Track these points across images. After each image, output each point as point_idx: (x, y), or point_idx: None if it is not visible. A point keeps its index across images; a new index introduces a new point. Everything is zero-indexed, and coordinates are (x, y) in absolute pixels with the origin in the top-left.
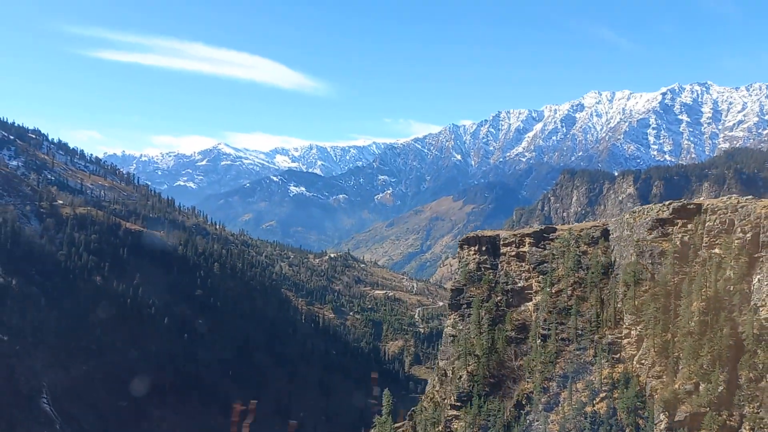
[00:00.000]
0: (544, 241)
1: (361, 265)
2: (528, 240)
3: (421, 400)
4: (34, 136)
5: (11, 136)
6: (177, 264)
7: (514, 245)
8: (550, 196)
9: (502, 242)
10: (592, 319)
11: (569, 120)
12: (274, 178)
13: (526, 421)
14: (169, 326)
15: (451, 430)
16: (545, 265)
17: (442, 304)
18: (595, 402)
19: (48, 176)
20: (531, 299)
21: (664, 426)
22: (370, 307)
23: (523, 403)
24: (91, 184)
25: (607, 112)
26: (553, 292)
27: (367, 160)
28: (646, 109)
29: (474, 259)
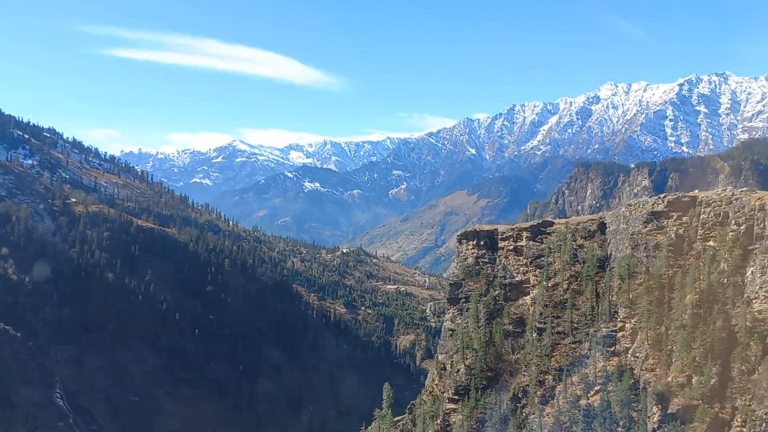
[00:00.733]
0: (542, 235)
1: (374, 260)
2: (525, 234)
3: (420, 394)
4: (48, 135)
5: (26, 135)
6: (188, 260)
7: (511, 239)
8: (565, 189)
9: (500, 236)
10: (588, 313)
11: (585, 112)
12: (289, 174)
13: (523, 414)
14: (180, 322)
15: (449, 424)
16: (542, 259)
17: None
18: (589, 395)
19: (62, 174)
20: (528, 293)
21: (657, 419)
22: (381, 301)
23: (520, 396)
24: (105, 182)
25: (623, 104)
26: (550, 285)
27: (381, 155)
28: (663, 100)
29: (472, 254)
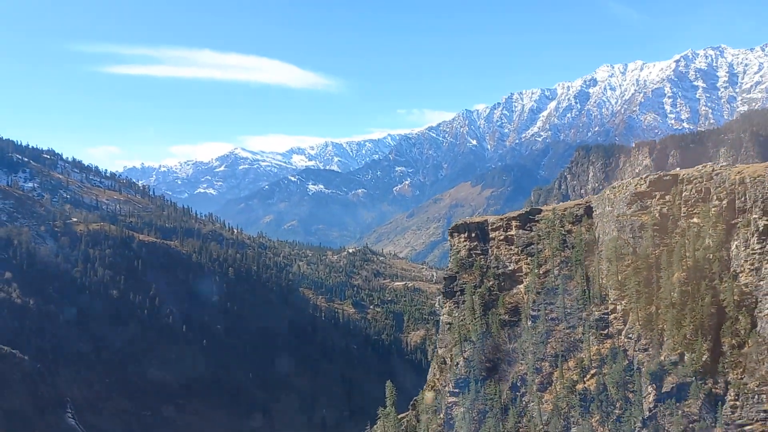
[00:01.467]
0: (530, 223)
1: (380, 258)
2: (515, 223)
3: (423, 389)
4: (48, 156)
5: (25, 158)
6: (192, 272)
7: (501, 229)
8: (567, 174)
9: (490, 227)
10: (579, 297)
11: (583, 96)
12: (292, 178)
13: (522, 403)
14: (188, 333)
15: (452, 417)
16: (532, 246)
17: None
18: (585, 379)
19: (63, 195)
20: (522, 282)
21: (652, 398)
22: (389, 299)
23: (518, 385)
24: (107, 200)
25: (620, 85)
26: (541, 273)
27: (383, 152)
28: (660, 78)
29: (464, 246)
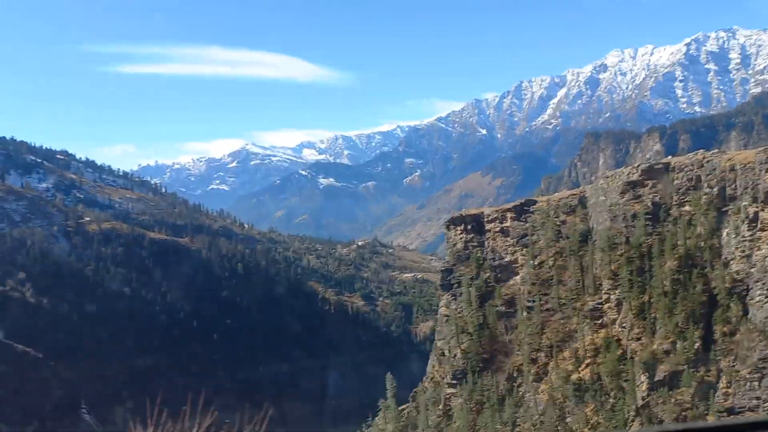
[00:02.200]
0: (525, 215)
1: (389, 251)
2: (510, 215)
3: (422, 381)
4: (62, 157)
5: (39, 159)
6: (202, 268)
7: (497, 221)
8: (577, 161)
9: (486, 219)
10: (574, 288)
11: (593, 82)
12: (303, 173)
13: (519, 393)
14: (199, 329)
15: (450, 408)
16: (527, 238)
17: None
18: (580, 369)
19: (77, 195)
20: (518, 273)
21: (645, 387)
22: (399, 291)
23: (515, 375)
24: (119, 198)
25: (631, 70)
26: (536, 264)
27: (393, 144)
28: (671, 62)
29: (461, 239)
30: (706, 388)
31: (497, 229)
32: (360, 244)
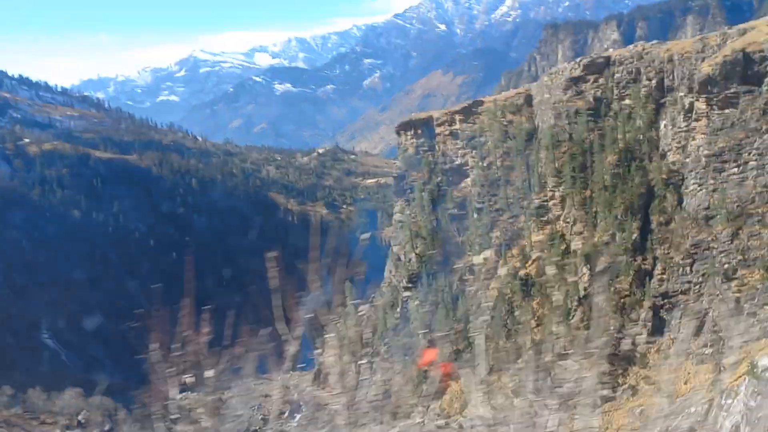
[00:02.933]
0: (473, 116)
1: (352, 157)
2: (458, 117)
3: (380, 287)
4: None
5: None
6: (155, 186)
7: (447, 124)
8: (536, 54)
9: (435, 123)
10: (521, 187)
11: None
12: (257, 79)
13: (471, 292)
14: (156, 248)
15: (407, 310)
16: (476, 139)
17: None
18: (527, 265)
19: (13, 115)
20: (468, 175)
21: (586, 278)
22: (362, 197)
23: (467, 275)
24: (60, 117)
25: None
26: (485, 165)
27: (350, 45)
28: None
29: (412, 144)
30: (643, 276)
31: (447, 132)
32: (321, 151)
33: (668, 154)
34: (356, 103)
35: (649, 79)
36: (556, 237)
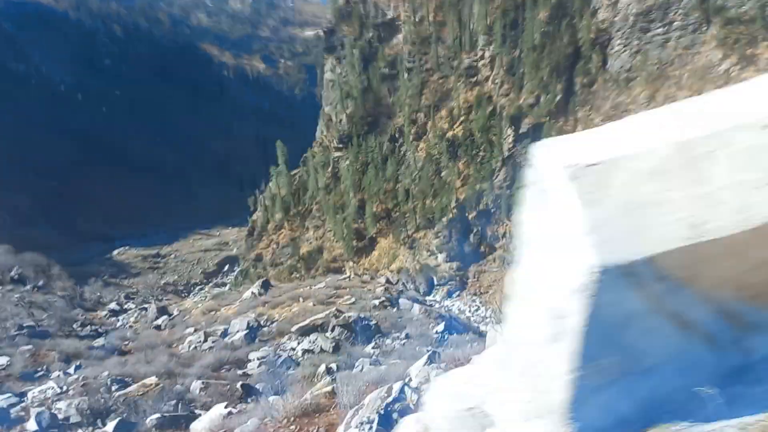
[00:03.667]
0: None
1: (289, 4)
2: None
3: (311, 148)
4: None
5: None
6: (75, 32)
7: None
8: None
9: None
10: (452, 45)
11: None
12: None
13: (400, 152)
14: (84, 102)
15: (338, 169)
16: None
17: None
18: (454, 127)
19: None
20: (401, 31)
21: (511, 139)
22: (301, 51)
23: (397, 136)
24: None
25: None
26: (417, 20)
27: None
28: None
29: None
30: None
31: None
32: None
33: (599, 12)
34: None
35: None
36: (483, 99)
